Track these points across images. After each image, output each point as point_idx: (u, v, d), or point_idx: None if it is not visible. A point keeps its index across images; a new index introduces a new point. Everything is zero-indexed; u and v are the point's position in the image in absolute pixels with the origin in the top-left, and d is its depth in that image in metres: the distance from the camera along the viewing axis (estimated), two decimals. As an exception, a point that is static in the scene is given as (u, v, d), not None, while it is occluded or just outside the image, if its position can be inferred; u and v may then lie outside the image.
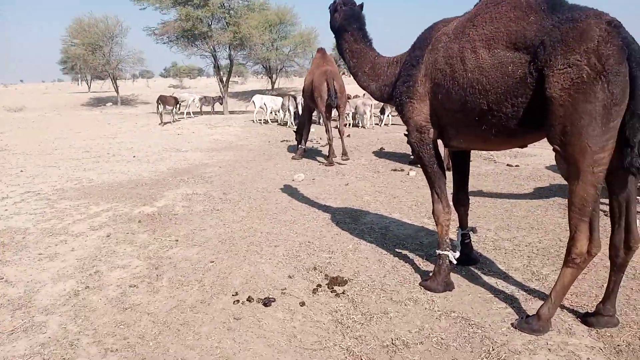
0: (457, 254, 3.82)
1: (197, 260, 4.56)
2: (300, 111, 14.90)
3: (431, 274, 3.84)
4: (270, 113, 20.34)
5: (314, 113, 11.90)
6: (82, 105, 38.10)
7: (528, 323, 3.05)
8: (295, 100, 18.16)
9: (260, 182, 8.09)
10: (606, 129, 2.58)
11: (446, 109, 3.39)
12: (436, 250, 3.80)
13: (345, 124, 16.92)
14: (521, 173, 7.98)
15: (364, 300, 3.60)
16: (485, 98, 3.05)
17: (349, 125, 17.40)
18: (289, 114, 18.72)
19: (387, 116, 17.24)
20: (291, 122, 18.18)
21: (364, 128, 16.77)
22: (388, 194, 6.98)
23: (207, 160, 10.77)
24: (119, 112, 29.53)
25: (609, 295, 3.04)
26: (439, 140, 3.74)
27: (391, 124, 17.23)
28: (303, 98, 11.44)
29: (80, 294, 3.88)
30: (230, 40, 27.57)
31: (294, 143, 11.82)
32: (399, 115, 3.94)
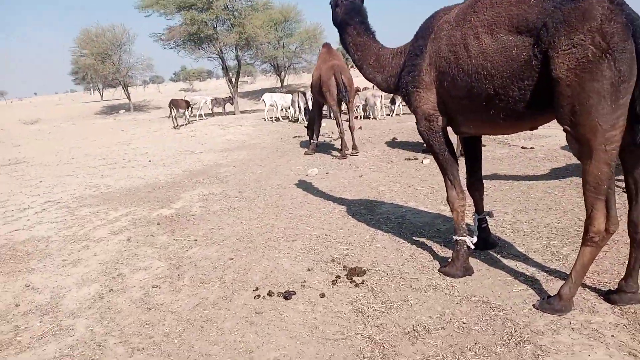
0: (474, 238, 3.81)
1: (217, 258, 4.61)
2: (310, 107, 14.91)
3: (450, 260, 3.84)
4: (281, 110, 20.39)
5: (324, 107, 11.92)
6: (96, 114, 38.52)
7: (550, 303, 3.04)
8: (304, 96, 18.17)
9: (274, 179, 8.13)
10: (616, 106, 2.56)
11: (453, 96, 3.38)
12: (453, 236, 3.80)
13: (356, 117, 16.92)
14: (536, 155, 7.91)
15: (383, 289, 3.62)
16: (491, 83, 3.05)
17: (360, 117, 17.37)
18: (299, 110, 18.74)
19: (398, 106, 17.18)
20: (302, 118, 18.20)
21: (375, 119, 16.73)
22: (403, 183, 6.98)
23: (222, 160, 10.85)
24: (132, 119, 29.81)
25: (630, 272, 3.02)
26: (449, 128, 3.74)
27: (402, 113, 17.15)
28: (312, 93, 11.46)
29: (105, 296, 3.96)
30: (236, 41, 27.60)
31: (306, 139, 11.85)
32: (407, 105, 3.94)
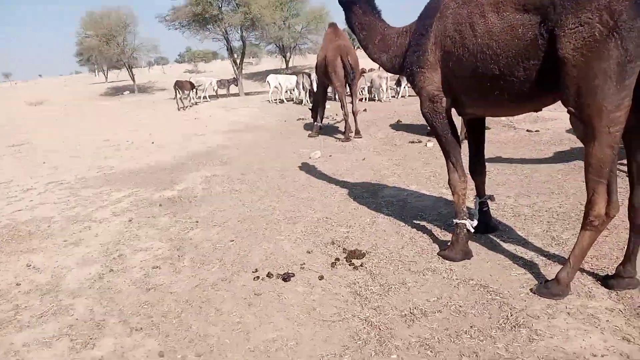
0: (475, 222, 3.80)
1: (218, 239, 4.63)
2: (315, 88, 14.82)
3: (449, 243, 3.83)
4: (286, 92, 20.29)
5: (329, 89, 11.83)
6: (101, 96, 38.48)
7: (547, 288, 3.03)
8: (309, 77, 18.07)
9: (277, 161, 8.12)
10: (621, 87, 2.51)
11: (457, 77, 3.34)
12: (453, 220, 3.79)
13: (361, 99, 16.81)
14: (541, 138, 7.85)
15: (382, 272, 3.62)
16: (496, 63, 3.00)
17: (366, 99, 17.26)
18: (303, 92, 18.64)
19: (404, 88, 17.04)
20: (306, 100, 18.12)
21: (381, 101, 16.62)
22: (406, 166, 6.95)
23: (225, 142, 10.83)
24: (136, 100, 29.77)
25: (629, 257, 3.00)
26: (452, 110, 3.70)
27: (408, 95, 17.02)
28: (316, 75, 11.36)
29: (105, 277, 3.99)
30: (241, 22, 27.40)
31: (310, 121, 11.80)
32: (411, 86, 3.89)
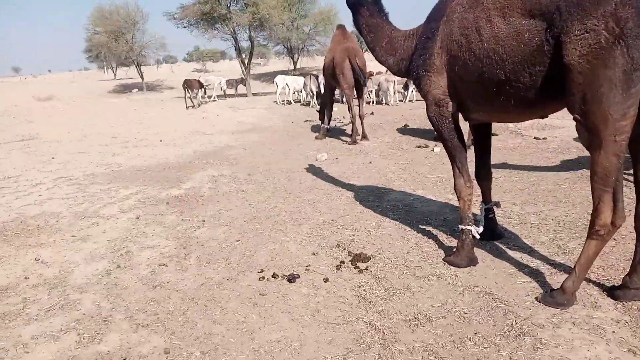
0: (480, 228, 3.80)
1: (224, 239, 4.65)
2: (322, 90, 14.86)
3: (455, 249, 3.84)
4: (293, 93, 20.33)
5: (336, 91, 11.85)
6: (109, 93, 38.65)
7: (552, 297, 3.03)
8: (317, 79, 18.11)
9: (284, 163, 8.15)
10: (627, 95, 2.51)
11: (463, 81, 3.35)
12: (459, 226, 3.80)
13: (368, 102, 16.83)
14: (548, 146, 7.83)
15: (387, 276, 3.63)
16: (502, 68, 3.00)
17: (373, 102, 17.27)
18: (311, 93, 18.67)
19: (411, 92, 17.04)
20: (314, 102, 18.15)
21: (388, 105, 16.63)
22: (412, 170, 6.96)
23: (232, 142, 10.87)
24: (144, 98, 29.88)
25: (635, 268, 3.00)
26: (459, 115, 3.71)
27: (415, 99, 17.02)
28: (324, 77, 11.38)
29: (112, 273, 4.02)
30: (249, 22, 27.48)
31: (317, 123, 11.82)
32: (417, 90, 3.91)
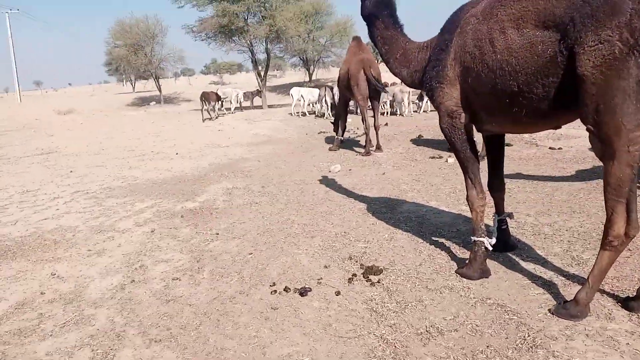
0: (493, 240, 3.77)
1: (237, 252, 4.68)
2: (337, 102, 14.93)
3: (467, 261, 3.81)
4: (308, 105, 20.44)
5: (351, 103, 11.90)
6: (127, 106, 39.32)
7: (565, 308, 3.00)
8: (332, 91, 18.19)
9: (297, 175, 8.19)
10: None
11: (477, 93, 3.35)
12: (471, 237, 3.78)
13: (383, 113, 16.84)
14: (564, 156, 7.76)
15: (399, 289, 3.62)
16: (515, 79, 3.00)
17: (387, 113, 17.29)
18: (326, 105, 18.76)
19: (426, 102, 17.03)
20: (328, 114, 18.22)
21: (402, 116, 16.64)
22: (425, 182, 6.94)
23: (247, 154, 10.96)
24: (162, 111, 30.33)
25: (650, 279, 2.96)
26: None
27: (429, 110, 16.99)
28: (339, 88, 11.44)
29: (127, 287, 4.07)
30: (266, 34, 27.78)
31: (331, 134, 11.87)
32: (430, 101, 3.91)
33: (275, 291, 3.74)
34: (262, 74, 30.26)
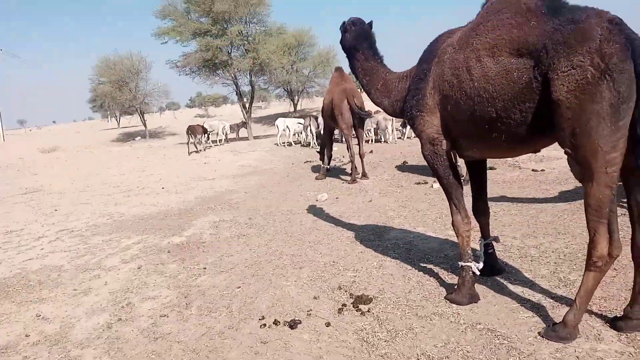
0: (480, 264, 3.79)
1: (225, 286, 4.64)
2: (322, 131, 15.07)
3: (456, 286, 3.82)
4: (294, 135, 20.57)
5: (336, 132, 12.01)
6: (112, 141, 39.13)
7: (555, 331, 3.00)
8: (316, 120, 18.37)
9: (285, 205, 8.18)
10: (616, 128, 2.56)
11: (456, 120, 3.41)
12: (459, 262, 3.79)
13: (367, 140, 16.99)
14: (547, 177, 7.87)
15: (389, 317, 3.60)
16: (493, 106, 3.07)
17: (372, 140, 17.44)
18: (311, 134, 18.90)
19: (409, 129, 17.21)
20: (314, 143, 18.34)
21: (387, 143, 16.80)
22: (412, 208, 6.98)
23: (233, 186, 10.95)
24: (147, 146, 30.22)
25: (635, 298, 2.97)
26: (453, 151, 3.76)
27: (414, 137, 17.16)
28: (323, 118, 11.56)
29: (113, 326, 4.00)
30: (250, 67, 28.02)
31: (317, 163, 11.92)
32: (411, 129, 3.98)
33: (265, 325, 3.70)
34: (247, 105, 30.41)
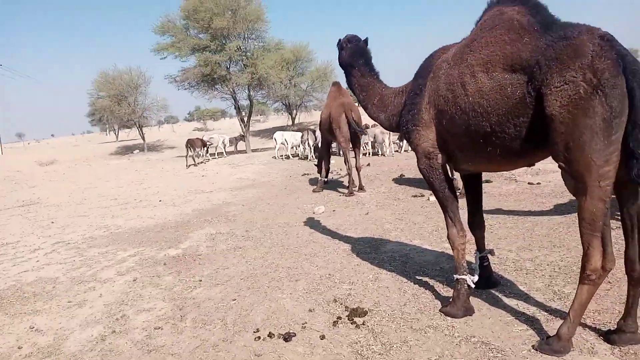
0: (475, 277, 3.80)
1: (220, 299, 4.63)
2: (319, 144, 15.15)
3: (451, 299, 3.82)
4: (292, 148, 20.65)
5: (333, 145, 12.07)
6: (111, 155, 39.17)
7: (549, 344, 3.00)
8: (314, 134, 18.46)
9: (281, 217, 8.19)
10: (609, 142, 2.59)
11: (451, 134, 3.44)
12: (454, 275, 3.80)
13: (365, 153, 17.06)
14: (542, 190, 7.89)
15: (384, 330, 3.59)
16: (487, 121, 3.10)
17: (369, 154, 17.50)
18: (309, 147, 18.98)
19: (406, 142, 17.28)
20: (312, 156, 18.41)
21: (384, 156, 16.85)
22: (408, 220, 6.99)
23: (231, 199, 10.95)
24: (145, 159, 30.26)
25: (629, 311, 2.98)
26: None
27: (410, 150, 17.23)
28: (320, 131, 11.63)
29: (107, 338, 3.98)
30: (248, 82, 28.22)
31: (314, 176, 11.96)
32: (407, 143, 4.01)
33: (259, 337, 3.68)
34: (246, 119, 30.56)
